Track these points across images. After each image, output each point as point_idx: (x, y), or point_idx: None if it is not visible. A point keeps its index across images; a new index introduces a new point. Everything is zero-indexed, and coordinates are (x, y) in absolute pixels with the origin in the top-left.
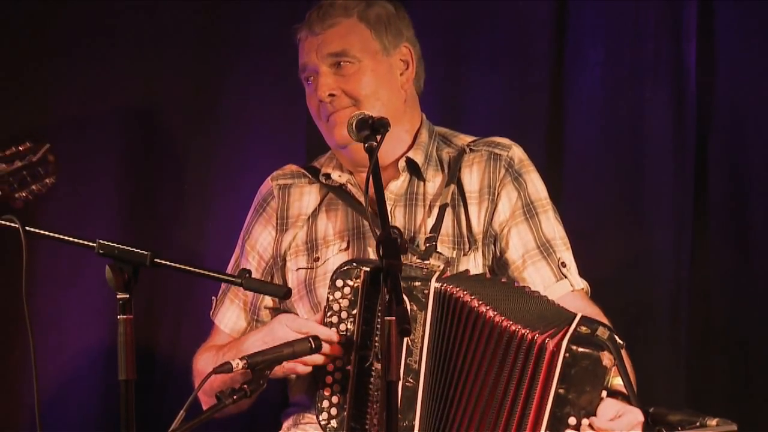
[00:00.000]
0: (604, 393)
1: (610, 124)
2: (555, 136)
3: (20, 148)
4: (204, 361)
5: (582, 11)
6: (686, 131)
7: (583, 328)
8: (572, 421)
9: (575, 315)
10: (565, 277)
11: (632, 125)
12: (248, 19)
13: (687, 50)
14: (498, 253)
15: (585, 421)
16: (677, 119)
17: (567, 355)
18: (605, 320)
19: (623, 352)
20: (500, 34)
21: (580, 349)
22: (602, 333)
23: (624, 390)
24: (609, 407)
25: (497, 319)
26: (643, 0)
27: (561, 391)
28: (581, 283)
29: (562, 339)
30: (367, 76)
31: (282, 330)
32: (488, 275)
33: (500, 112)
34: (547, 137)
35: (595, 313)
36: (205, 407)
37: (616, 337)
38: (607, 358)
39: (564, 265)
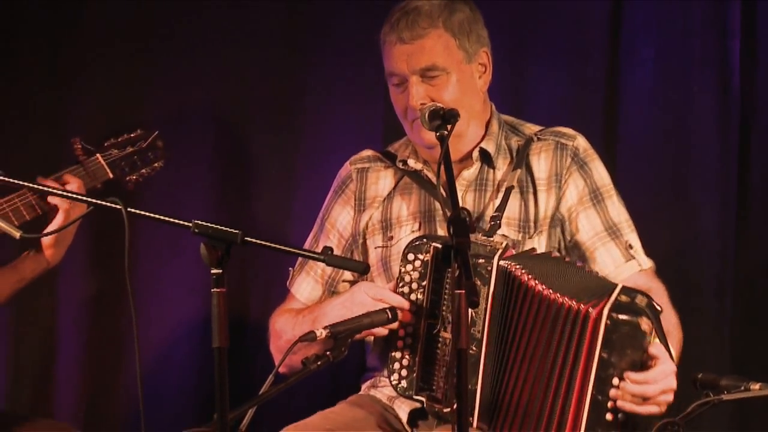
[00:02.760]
0: (644, 355)
1: (661, 115)
2: (610, 126)
3: (131, 135)
4: (282, 322)
5: (635, 11)
6: (730, 121)
7: (623, 297)
8: (615, 381)
9: (616, 285)
10: (633, 257)
11: (681, 116)
12: (330, 20)
13: (731, 47)
14: (567, 237)
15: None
16: (722, 111)
17: (608, 322)
18: (666, 295)
19: (675, 319)
20: (561, 32)
21: (620, 316)
22: (641, 301)
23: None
24: (656, 348)
25: (548, 293)
26: (691, 0)
27: (604, 355)
28: (648, 262)
29: (603, 308)
30: (453, 85)
31: (361, 296)
32: (549, 252)
33: (560, 104)
34: (603, 127)
35: (660, 288)
36: (282, 368)
37: (655, 304)
38: (645, 323)
39: (631, 246)
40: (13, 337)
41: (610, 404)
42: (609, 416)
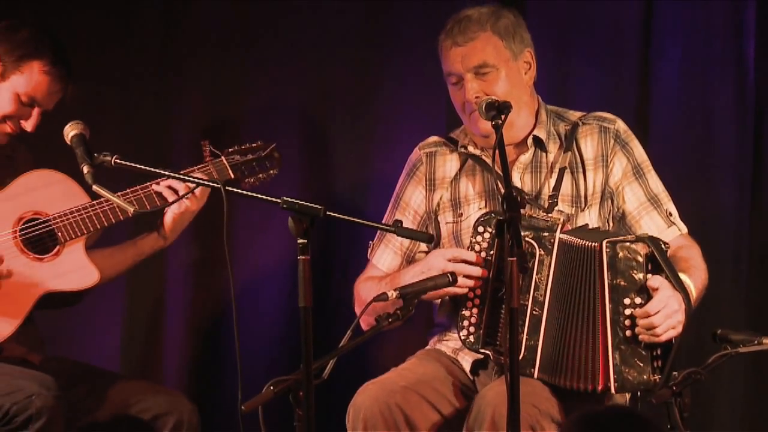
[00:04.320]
0: (648, 275)
1: (686, 107)
2: (643, 116)
3: (253, 145)
4: (366, 289)
5: (664, 17)
6: (746, 112)
7: (629, 236)
8: (627, 301)
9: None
10: (674, 223)
11: (703, 108)
12: (401, 24)
13: (747, 47)
14: (616, 208)
15: (637, 300)
16: (739, 103)
17: (608, 250)
18: (699, 251)
19: (703, 265)
20: (600, 36)
21: (618, 244)
22: (643, 234)
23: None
24: (655, 280)
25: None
26: (713, 6)
27: (612, 280)
28: (684, 227)
29: (603, 240)
30: (502, 80)
31: (435, 260)
32: (601, 228)
33: (600, 97)
34: (636, 117)
35: (695, 246)
36: (364, 325)
37: (660, 241)
38: (641, 248)
39: (671, 214)
40: (127, 299)
41: (627, 322)
42: (628, 333)
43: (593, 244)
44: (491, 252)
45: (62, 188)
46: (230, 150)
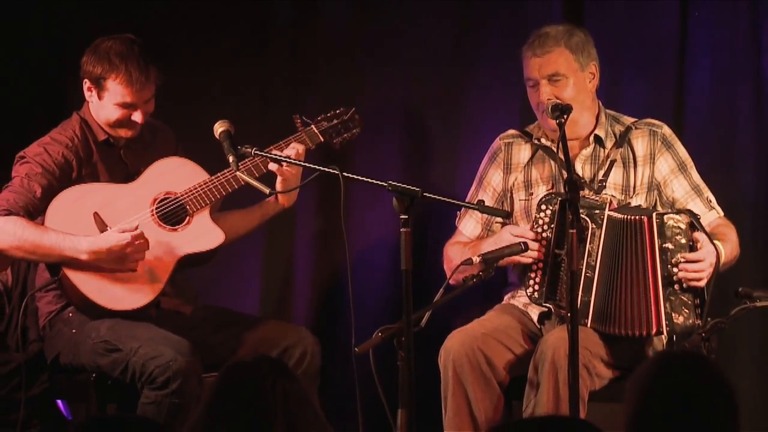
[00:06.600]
0: (691, 239)
1: (715, 109)
2: (678, 115)
3: (337, 111)
4: (453, 251)
5: (696, 34)
6: (764, 112)
7: (671, 210)
8: (675, 260)
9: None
10: (713, 208)
11: (729, 109)
12: (485, 40)
13: (764, 60)
14: (665, 197)
15: (682, 259)
16: (758, 105)
17: (657, 220)
18: (734, 230)
19: (737, 239)
20: (643, 50)
21: (665, 215)
22: (682, 208)
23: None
24: (699, 235)
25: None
26: (737, 27)
27: (662, 243)
28: (721, 211)
29: (653, 212)
30: (570, 86)
31: (506, 235)
32: (642, 206)
33: (643, 101)
34: (673, 116)
35: (732, 226)
36: (452, 282)
37: (696, 213)
38: (684, 217)
39: (710, 200)
40: (263, 262)
41: (675, 277)
42: (676, 287)
43: (643, 216)
44: (552, 225)
45: (186, 170)
46: (319, 118)
